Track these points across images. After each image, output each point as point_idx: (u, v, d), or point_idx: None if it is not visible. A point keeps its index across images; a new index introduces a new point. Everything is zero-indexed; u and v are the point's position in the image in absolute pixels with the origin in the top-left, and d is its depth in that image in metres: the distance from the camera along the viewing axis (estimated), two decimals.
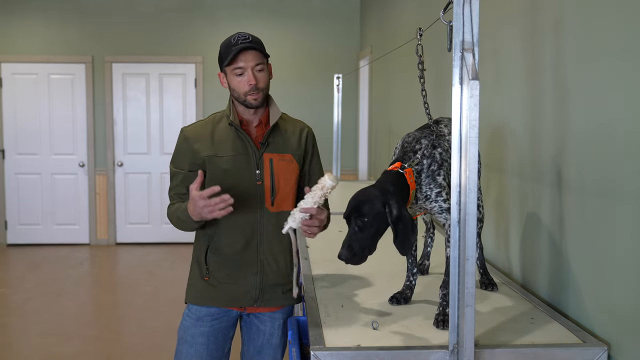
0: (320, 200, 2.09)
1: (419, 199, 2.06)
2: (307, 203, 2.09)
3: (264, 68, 2.24)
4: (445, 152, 2.08)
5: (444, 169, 2.05)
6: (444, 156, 2.07)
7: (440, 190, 2.03)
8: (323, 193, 2.08)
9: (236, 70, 2.21)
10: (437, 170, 2.04)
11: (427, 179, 2.04)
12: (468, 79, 1.61)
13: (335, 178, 2.08)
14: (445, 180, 2.05)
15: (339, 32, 7.80)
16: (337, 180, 2.09)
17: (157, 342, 4.58)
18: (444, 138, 2.14)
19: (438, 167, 2.04)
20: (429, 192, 2.04)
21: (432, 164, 2.05)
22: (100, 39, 7.64)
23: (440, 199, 2.03)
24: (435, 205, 2.04)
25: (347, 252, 1.90)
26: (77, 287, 6.13)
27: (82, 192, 7.77)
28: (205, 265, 2.32)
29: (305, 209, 2.09)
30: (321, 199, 2.09)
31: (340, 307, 2.15)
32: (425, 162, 2.04)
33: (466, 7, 1.63)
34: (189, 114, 7.73)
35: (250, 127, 2.32)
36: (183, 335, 2.36)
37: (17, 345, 4.55)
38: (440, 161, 2.05)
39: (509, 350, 1.80)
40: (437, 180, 2.03)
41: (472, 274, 1.65)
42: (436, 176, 2.04)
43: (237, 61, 2.20)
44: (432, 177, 2.04)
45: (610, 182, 1.87)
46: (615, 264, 1.85)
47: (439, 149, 2.07)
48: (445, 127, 2.21)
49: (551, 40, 2.28)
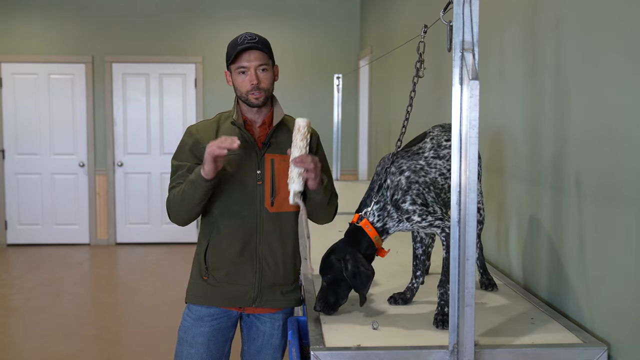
0: (304, 144, 2.11)
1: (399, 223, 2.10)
2: (294, 154, 2.11)
3: (268, 69, 2.25)
4: (415, 173, 2.09)
5: (413, 192, 2.06)
6: (411, 179, 2.07)
7: (409, 216, 2.05)
8: (302, 135, 2.11)
9: (239, 69, 2.23)
10: (401, 198, 2.06)
11: (392, 209, 2.08)
12: (468, 79, 1.61)
13: (303, 119, 2.14)
14: (417, 202, 2.05)
15: (339, 32, 7.80)
16: (306, 119, 2.15)
17: (157, 342, 4.58)
18: (419, 156, 2.14)
19: (402, 193, 2.06)
20: (400, 218, 2.08)
21: (396, 193, 2.07)
22: (100, 39, 7.64)
23: (414, 221, 2.06)
24: (416, 226, 2.08)
25: (320, 305, 2.09)
26: (77, 287, 6.13)
27: (82, 192, 7.77)
28: (204, 265, 2.32)
29: (296, 160, 2.09)
30: (303, 142, 2.11)
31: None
32: (389, 193, 2.07)
33: (466, 7, 1.63)
34: (189, 114, 7.73)
35: (254, 127, 2.32)
36: (183, 336, 2.36)
37: (17, 345, 4.55)
38: (407, 186, 2.06)
39: (509, 350, 1.80)
40: (402, 207, 2.06)
41: (472, 274, 1.65)
42: (401, 204, 2.06)
43: (241, 60, 2.21)
44: (397, 206, 2.07)
45: (610, 182, 1.87)
46: (615, 264, 1.85)
47: (407, 173, 2.08)
48: (430, 141, 2.20)
49: (551, 40, 2.28)
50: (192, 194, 2.18)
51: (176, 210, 2.26)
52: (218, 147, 2.06)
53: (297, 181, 2.10)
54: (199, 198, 2.19)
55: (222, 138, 2.09)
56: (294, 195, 2.11)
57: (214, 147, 2.07)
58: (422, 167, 2.11)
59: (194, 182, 2.16)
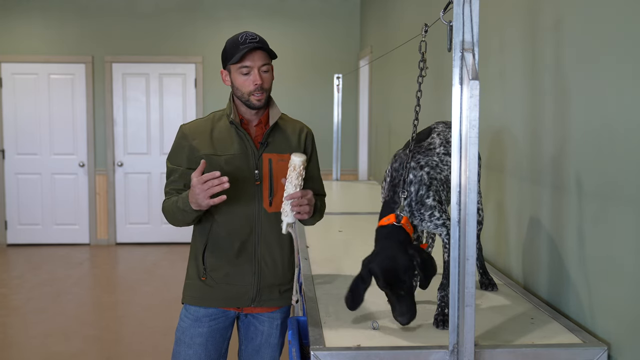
0: (299, 181, 2.13)
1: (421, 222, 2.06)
2: (288, 190, 2.13)
3: (269, 69, 2.25)
4: (434, 169, 2.07)
5: (434, 187, 2.04)
6: (432, 175, 2.05)
7: (432, 212, 2.03)
8: (298, 173, 2.13)
9: (242, 70, 2.21)
10: (425, 193, 2.03)
11: (417, 206, 2.04)
12: (468, 79, 1.61)
13: (299, 154, 2.15)
14: (436, 199, 2.04)
15: (339, 32, 7.80)
16: (302, 155, 2.15)
17: (157, 342, 4.58)
18: (432, 152, 2.12)
19: (426, 189, 2.04)
20: (422, 216, 2.05)
21: (420, 188, 2.04)
22: (100, 39, 7.64)
23: (433, 218, 2.04)
24: (430, 224, 2.05)
25: (410, 316, 1.90)
26: (77, 287, 6.13)
27: (82, 192, 7.77)
28: (202, 266, 2.31)
29: (290, 196, 2.12)
30: (299, 179, 2.13)
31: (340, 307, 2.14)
32: (413, 188, 2.04)
33: (466, 7, 1.63)
34: (189, 114, 7.73)
35: (250, 127, 2.32)
36: (181, 337, 2.35)
37: (17, 345, 4.55)
38: (429, 182, 2.04)
39: (509, 350, 1.80)
40: (427, 203, 2.03)
41: (472, 274, 1.65)
42: (425, 200, 2.03)
43: (245, 60, 2.20)
44: (422, 202, 2.03)
45: (610, 182, 1.87)
46: (615, 264, 1.85)
47: (426, 169, 2.06)
48: (438, 137, 2.19)
49: (551, 40, 2.28)
50: (183, 216, 2.22)
51: (171, 220, 2.30)
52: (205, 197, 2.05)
53: (291, 215, 2.15)
54: (189, 221, 2.26)
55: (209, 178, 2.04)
56: (286, 227, 2.16)
57: (201, 197, 2.05)
58: (437, 164, 2.09)
59: (184, 210, 2.19)
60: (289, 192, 2.13)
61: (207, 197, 2.05)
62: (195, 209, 2.14)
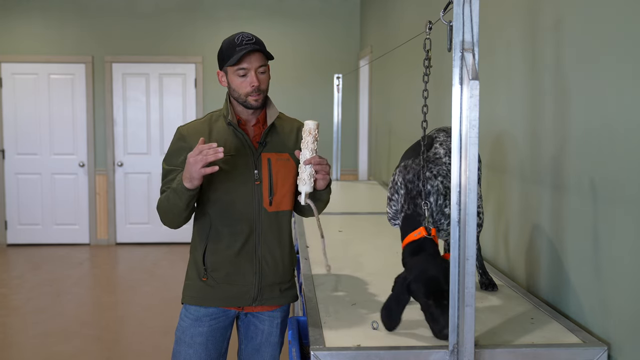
0: (314, 146, 2.14)
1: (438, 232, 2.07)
2: (305, 155, 2.13)
3: (266, 70, 2.25)
4: (445, 178, 2.07)
5: (449, 196, 2.04)
6: (445, 184, 2.06)
7: (450, 221, 2.00)
8: (313, 137, 2.14)
9: (239, 71, 2.21)
10: (444, 203, 2.04)
11: (437, 216, 2.05)
12: (468, 79, 1.61)
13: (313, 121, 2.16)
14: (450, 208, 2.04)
15: (339, 32, 7.80)
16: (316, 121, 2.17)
17: (157, 342, 4.58)
18: (440, 161, 2.12)
19: (444, 198, 2.04)
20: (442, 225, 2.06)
21: (439, 198, 2.04)
22: (100, 39, 7.64)
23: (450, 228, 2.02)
24: (444, 232, 2.07)
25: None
26: (77, 287, 6.13)
27: (82, 192, 7.77)
28: (203, 266, 2.31)
29: (308, 160, 2.12)
30: (314, 144, 2.14)
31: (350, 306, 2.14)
32: (432, 199, 2.04)
33: (466, 7, 1.63)
34: (189, 114, 7.73)
35: (248, 127, 2.32)
36: (181, 336, 2.35)
37: (17, 345, 4.55)
38: (444, 191, 2.04)
39: (509, 350, 1.80)
40: (446, 212, 2.03)
41: (472, 274, 1.65)
42: (444, 209, 2.04)
43: (242, 63, 2.20)
44: (441, 212, 2.04)
45: (610, 182, 1.87)
46: (615, 264, 1.85)
47: (440, 178, 2.06)
48: (441, 146, 2.18)
49: (551, 40, 2.28)
50: (176, 201, 2.18)
51: (163, 215, 2.27)
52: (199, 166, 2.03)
53: (309, 182, 2.13)
54: (183, 205, 2.18)
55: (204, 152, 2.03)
56: (305, 197, 2.12)
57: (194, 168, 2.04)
58: (447, 173, 2.09)
59: (176, 190, 2.16)
60: (305, 157, 2.13)
61: (201, 166, 2.03)
62: (189, 188, 2.11)
